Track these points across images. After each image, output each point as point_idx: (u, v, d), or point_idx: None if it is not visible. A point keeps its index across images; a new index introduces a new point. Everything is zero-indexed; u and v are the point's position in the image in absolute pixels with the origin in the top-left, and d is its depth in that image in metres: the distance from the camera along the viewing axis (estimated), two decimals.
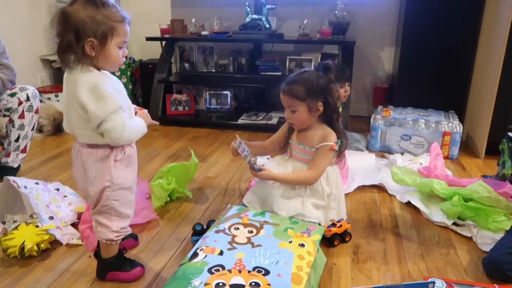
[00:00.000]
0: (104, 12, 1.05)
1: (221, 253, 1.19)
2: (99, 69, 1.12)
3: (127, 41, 1.13)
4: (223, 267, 1.12)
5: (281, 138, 1.65)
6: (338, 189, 1.58)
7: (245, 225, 1.35)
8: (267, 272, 1.11)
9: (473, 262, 1.44)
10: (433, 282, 1.12)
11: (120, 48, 1.11)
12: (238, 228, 1.33)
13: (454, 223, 1.66)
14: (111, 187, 1.19)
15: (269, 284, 1.06)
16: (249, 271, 1.11)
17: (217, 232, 1.30)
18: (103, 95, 1.07)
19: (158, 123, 1.38)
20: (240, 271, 1.11)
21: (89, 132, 1.13)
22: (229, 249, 1.21)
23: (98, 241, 1.29)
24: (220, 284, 1.05)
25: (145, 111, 1.29)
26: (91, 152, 1.17)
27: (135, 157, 1.26)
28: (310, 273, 1.15)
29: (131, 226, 1.48)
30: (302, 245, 1.25)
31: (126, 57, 1.18)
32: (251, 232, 1.31)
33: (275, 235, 1.29)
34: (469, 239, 1.59)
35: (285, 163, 1.59)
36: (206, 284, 1.05)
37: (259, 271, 1.11)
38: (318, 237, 1.31)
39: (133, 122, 1.18)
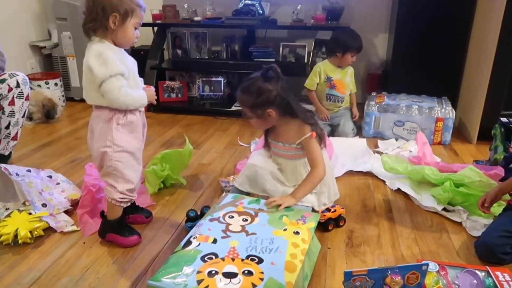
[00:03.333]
0: None
1: (214, 241, 1.17)
2: (115, 44, 1.30)
3: (141, 24, 1.32)
4: (216, 255, 1.10)
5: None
6: (326, 173, 1.58)
7: (240, 213, 1.32)
8: (260, 260, 1.09)
9: (465, 246, 1.46)
10: (427, 264, 1.14)
11: (135, 28, 1.31)
12: (232, 217, 1.30)
13: (444, 209, 1.67)
14: (112, 147, 1.32)
15: (262, 272, 1.05)
16: (242, 259, 1.10)
17: (211, 220, 1.28)
18: (106, 60, 1.24)
19: (155, 102, 1.47)
20: (233, 260, 1.09)
21: (95, 93, 1.28)
22: (223, 237, 1.18)
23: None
24: (213, 272, 1.04)
25: (152, 88, 1.43)
26: (98, 114, 1.33)
27: (138, 126, 1.39)
28: (304, 260, 1.15)
29: None
30: (297, 233, 1.23)
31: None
32: (246, 220, 1.29)
33: (270, 223, 1.27)
34: (461, 223, 1.60)
35: (270, 159, 1.57)
36: (198, 272, 1.03)
37: (252, 259, 1.10)
38: (313, 224, 1.30)
39: (132, 90, 1.31)
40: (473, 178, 1.66)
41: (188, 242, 1.16)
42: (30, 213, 1.52)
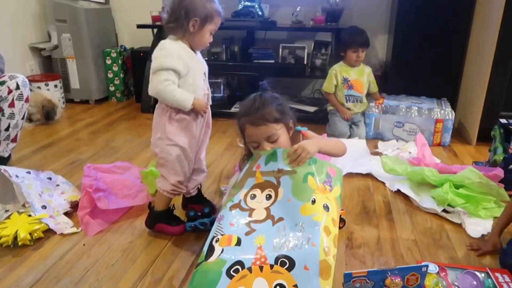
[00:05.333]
0: (211, 4, 1.35)
1: (238, 242, 1.04)
2: (188, 45, 1.37)
3: (216, 30, 1.40)
4: (242, 265, 0.98)
5: None
6: None
7: (262, 187, 1.16)
8: (291, 265, 0.96)
9: (465, 247, 1.46)
10: (426, 266, 1.14)
11: (210, 34, 1.38)
12: (254, 196, 1.15)
13: (444, 210, 1.67)
14: (164, 140, 1.40)
15: (295, 286, 0.93)
16: (271, 266, 0.97)
17: (232, 208, 1.14)
18: (164, 54, 1.33)
19: (203, 115, 1.46)
20: (261, 268, 0.97)
21: None
22: (247, 233, 1.06)
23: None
24: None
25: (203, 102, 1.43)
26: (159, 105, 1.42)
27: (191, 125, 1.43)
28: (335, 254, 1.04)
29: (129, 208, 1.63)
30: (327, 209, 1.08)
31: None
32: (269, 197, 1.13)
33: (295, 194, 1.11)
34: (461, 224, 1.60)
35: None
36: None
37: (282, 263, 0.97)
38: (338, 191, 1.18)
39: (179, 90, 1.35)
40: (473, 179, 1.67)
41: (211, 248, 1.05)
42: (29, 215, 1.52)
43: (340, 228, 1.56)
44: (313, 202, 1.08)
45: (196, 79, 1.40)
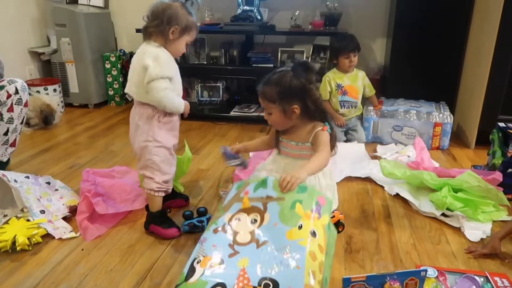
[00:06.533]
0: (191, 18, 1.49)
1: (221, 263, 1.02)
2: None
3: (190, 43, 1.53)
4: (224, 287, 0.96)
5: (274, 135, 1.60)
6: (332, 180, 1.57)
7: (248, 212, 1.14)
8: (275, 286, 0.95)
9: (464, 251, 1.46)
10: (425, 270, 1.14)
11: (186, 44, 1.50)
12: (239, 220, 1.13)
13: (443, 214, 1.67)
14: (152, 142, 1.47)
15: None
16: None
17: (215, 231, 1.11)
18: (161, 63, 1.41)
19: (186, 115, 1.60)
20: None
21: (142, 90, 1.44)
22: (230, 255, 1.03)
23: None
24: None
25: (188, 104, 1.57)
26: (142, 111, 1.48)
27: (176, 125, 1.56)
28: (322, 280, 1.01)
29: (128, 213, 1.63)
30: (314, 234, 1.06)
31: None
32: (255, 221, 1.11)
33: (282, 219, 1.09)
34: (460, 228, 1.60)
35: (278, 160, 1.54)
36: None
37: (266, 285, 0.95)
38: (327, 218, 1.14)
39: (175, 96, 1.48)
40: (472, 183, 1.67)
41: (192, 269, 1.02)
42: (28, 220, 1.52)
43: (339, 232, 1.55)
44: (300, 227, 1.07)
45: (179, 84, 1.53)
